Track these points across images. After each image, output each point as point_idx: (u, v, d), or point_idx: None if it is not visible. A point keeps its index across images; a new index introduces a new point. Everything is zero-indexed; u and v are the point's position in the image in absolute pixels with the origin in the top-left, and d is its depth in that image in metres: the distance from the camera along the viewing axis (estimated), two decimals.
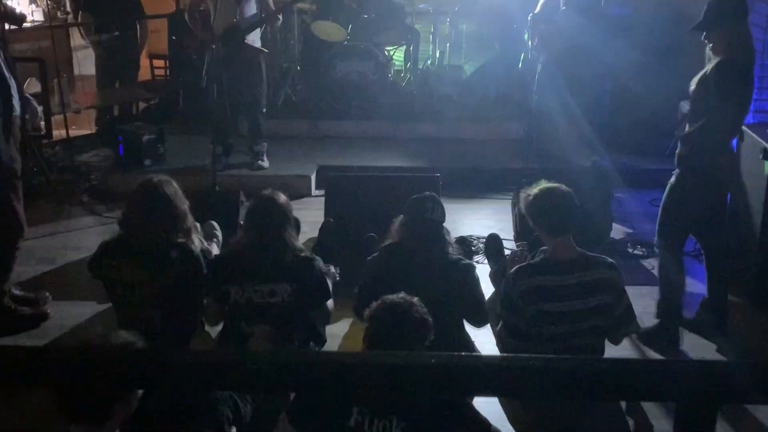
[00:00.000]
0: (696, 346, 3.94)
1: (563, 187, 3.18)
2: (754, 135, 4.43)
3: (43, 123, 6.00)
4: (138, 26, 7.43)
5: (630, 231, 5.24)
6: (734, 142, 4.15)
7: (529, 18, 5.95)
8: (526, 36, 6.43)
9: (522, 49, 6.97)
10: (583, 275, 3.07)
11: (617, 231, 5.10)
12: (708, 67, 3.70)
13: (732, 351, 3.91)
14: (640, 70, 6.25)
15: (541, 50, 5.89)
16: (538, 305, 3.05)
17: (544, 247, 3.21)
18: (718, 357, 3.91)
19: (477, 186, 6.00)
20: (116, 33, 7.01)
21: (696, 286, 4.48)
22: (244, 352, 2.60)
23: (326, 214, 5.03)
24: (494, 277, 3.95)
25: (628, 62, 6.06)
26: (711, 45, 3.71)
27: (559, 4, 5.72)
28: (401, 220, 3.53)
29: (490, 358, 1.78)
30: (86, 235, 5.21)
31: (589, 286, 3.07)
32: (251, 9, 5.74)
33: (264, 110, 6.14)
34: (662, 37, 6.46)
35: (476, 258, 4.68)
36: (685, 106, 5.98)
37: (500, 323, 3.24)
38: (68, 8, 11.65)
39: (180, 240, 3.40)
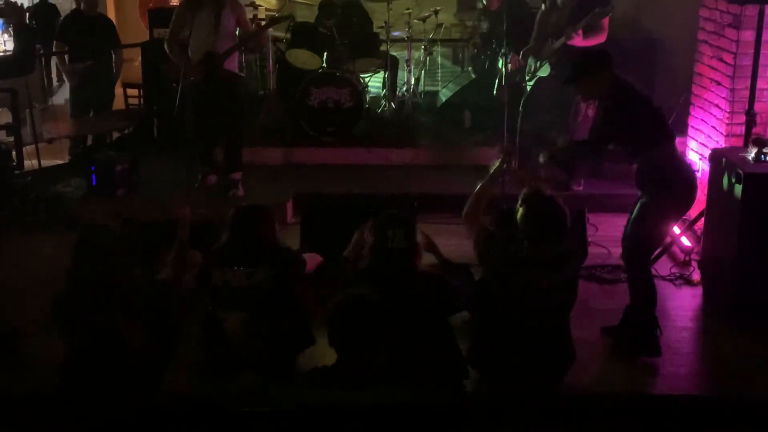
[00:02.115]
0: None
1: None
2: (727, 159, 4.46)
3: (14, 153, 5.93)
4: (113, 55, 7.40)
5: (606, 255, 5.23)
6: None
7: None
8: (500, 63, 6.46)
9: (497, 74, 7.01)
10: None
11: (593, 256, 5.09)
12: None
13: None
14: None
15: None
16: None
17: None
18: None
19: (454, 211, 5.97)
20: (90, 62, 6.96)
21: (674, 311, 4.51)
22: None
23: (302, 241, 5.00)
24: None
25: None
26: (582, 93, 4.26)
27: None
28: (370, 244, 3.52)
29: None
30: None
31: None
32: (229, 36, 5.73)
33: (241, 137, 6.11)
34: (639, 63, 6.53)
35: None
36: None
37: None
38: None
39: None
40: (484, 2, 7.22)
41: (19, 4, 5.27)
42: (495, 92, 6.58)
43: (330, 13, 7.13)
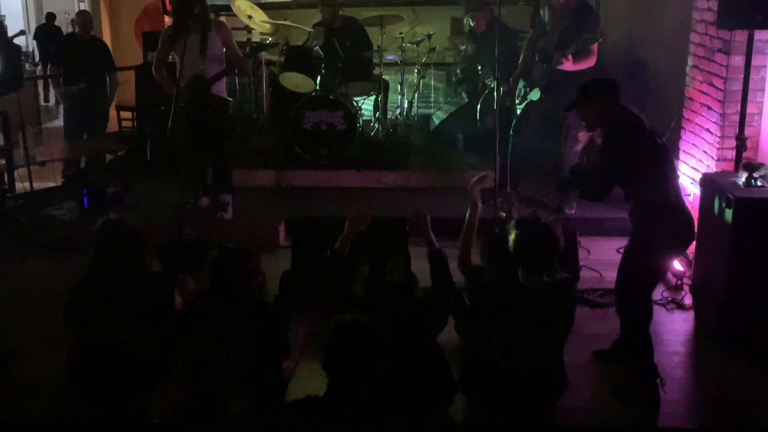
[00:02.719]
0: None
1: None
2: (718, 183, 4.47)
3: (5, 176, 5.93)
4: (108, 78, 7.43)
5: (597, 279, 5.22)
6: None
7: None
8: (482, 86, 6.50)
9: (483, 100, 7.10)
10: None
11: (585, 279, 5.08)
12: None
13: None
14: None
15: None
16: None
17: None
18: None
19: (446, 234, 5.97)
20: (83, 85, 6.98)
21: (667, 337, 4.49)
22: None
23: (293, 264, 4.99)
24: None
25: None
26: (585, 120, 4.09)
27: None
28: (366, 276, 3.50)
29: None
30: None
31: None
32: (216, 60, 5.75)
33: (229, 160, 6.12)
34: (629, 87, 6.56)
35: None
36: None
37: None
38: (37, 60, 11.70)
39: None
40: (471, 24, 7.25)
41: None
42: (478, 117, 6.58)
43: (322, 35, 7.18)
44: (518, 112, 6.07)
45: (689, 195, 5.36)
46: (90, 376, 2.40)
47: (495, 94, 5.84)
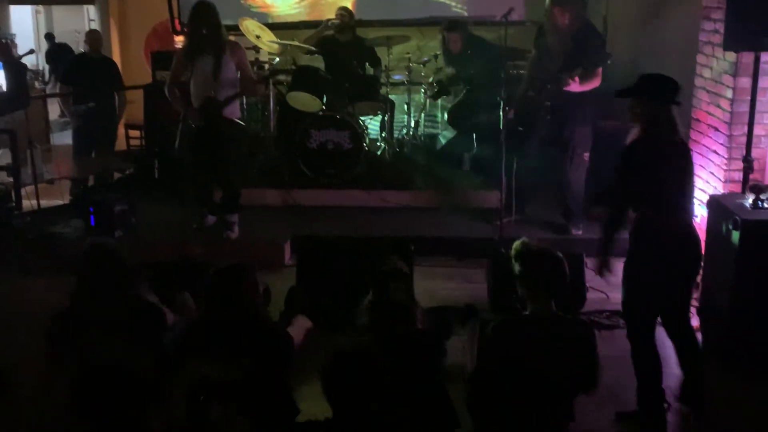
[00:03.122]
0: None
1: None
2: (725, 205, 4.46)
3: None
4: (117, 97, 7.47)
5: (604, 301, 5.19)
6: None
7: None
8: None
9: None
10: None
11: (591, 301, 5.06)
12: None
13: None
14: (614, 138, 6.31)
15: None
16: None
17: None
18: None
19: (451, 254, 5.98)
20: (91, 104, 7.03)
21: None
22: None
23: (298, 282, 4.99)
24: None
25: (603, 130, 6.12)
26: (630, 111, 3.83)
27: None
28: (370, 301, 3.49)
29: None
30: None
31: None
32: (229, 82, 5.75)
33: (238, 181, 6.12)
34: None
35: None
36: None
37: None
38: (47, 78, 11.80)
39: None
40: (448, 46, 7.11)
41: (4, 41, 5.40)
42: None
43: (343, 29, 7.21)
44: (524, 133, 6.07)
45: (696, 216, 5.33)
46: (87, 397, 2.40)
47: (501, 114, 5.84)
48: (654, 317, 3.88)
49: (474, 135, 7.28)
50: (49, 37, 12.71)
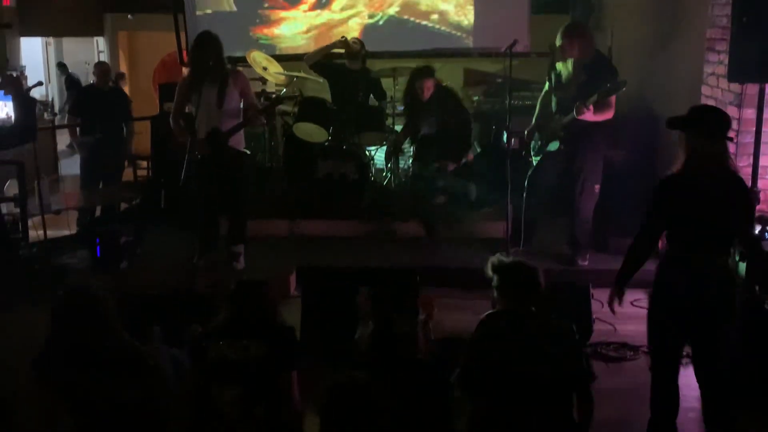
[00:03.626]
0: None
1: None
2: None
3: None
4: (125, 128, 7.53)
5: (611, 332, 5.15)
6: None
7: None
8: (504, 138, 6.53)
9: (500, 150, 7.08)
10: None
11: (598, 333, 5.02)
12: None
13: None
14: (619, 168, 6.32)
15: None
16: None
17: None
18: None
19: (457, 284, 5.95)
20: (99, 135, 7.08)
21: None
22: None
23: (303, 314, 4.98)
24: None
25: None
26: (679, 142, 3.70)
27: None
28: (371, 330, 3.47)
29: None
30: None
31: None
32: (234, 112, 5.78)
33: (244, 213, 6.13)
34: (641, 139, 6.57)
35: None
36: None
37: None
38: (55, 110, 11.91)
39: None
40: (418, 93, 6.77)
41: (15, 75, 5.47)
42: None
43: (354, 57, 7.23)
44: (534, 163, 6.08)
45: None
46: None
47: (506, 145, 5.86)
48: (676, 356, 3.74)
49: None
50: (62, 66, 12.86)
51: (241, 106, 5.80)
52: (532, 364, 3.23)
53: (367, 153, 7.35)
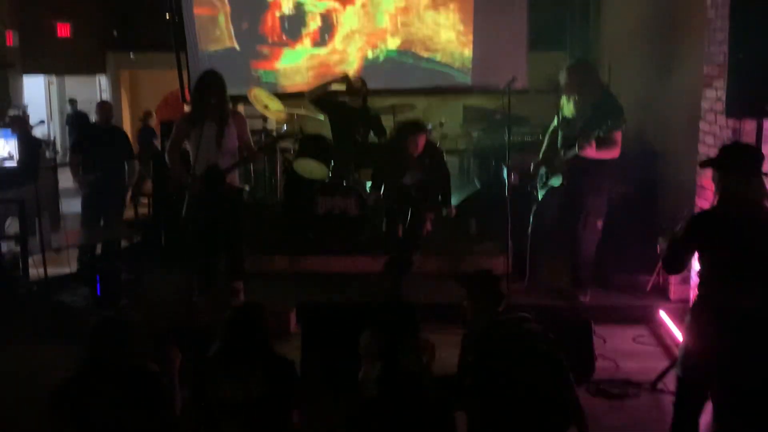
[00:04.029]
0: None
1: None
2: None
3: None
4: (126, 166, 7.56)
5: (613, 369, 5.12)
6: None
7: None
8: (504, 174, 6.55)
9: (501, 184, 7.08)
10: None
11: (600, 370, 4.98)
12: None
13: None
14: (620, 204, 6.33)
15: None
16: None
17: None
18: None
19: (457, 321, 5.91)
20: (100, 173, 7.11)
21: None
22: None
23: (303, 350, 4.95)
24: None
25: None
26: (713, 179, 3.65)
27: None
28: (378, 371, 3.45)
29: None
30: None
31: None
32: (231, 150, 5.81)
33: (242, 248, 6.13)
34: (641, 175, 6.59)
35: None
36: (663, 242, 6.03)
37: None
38: (57, 148, 11.97)
39: None
40: (408, 147, 6.30)
41: (21, 115, 5.52)
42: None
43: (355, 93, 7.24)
44: (539, 198, 6.10)
45: None
46: None
47: (506, 180, 5.87)
48: (703, 397, 3.63)
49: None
50: (72, 102, 12.96)
51: (237, 144, 5.85)
52: (519, 363, 3.43)
53: (367, 189, 7.36)
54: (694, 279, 5.39)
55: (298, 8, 8.86)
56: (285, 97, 8.35)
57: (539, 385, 3.39)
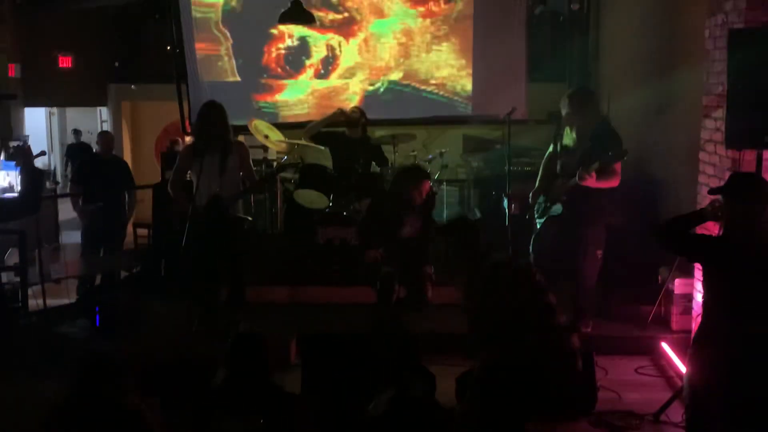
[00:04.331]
0: None
1: None
2: None
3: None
4: (127, 196, 7.57)
5: (616, 400, 5.08)
6: None
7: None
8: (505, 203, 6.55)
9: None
10: None
11: (603, 401, 4.94)
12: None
13: None
14: (621, 234, 6.33)
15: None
16: None
17: None
18: None
19: (458, 351, 5.89)
20: (100, 204, 7.11)
21: None
22: None
23: (304, 381, 4.92)
24: None
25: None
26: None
27: None
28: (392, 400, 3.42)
29: None
30: None
31: None
32: (233, 180, 5.83)
33: (243, 278, 6.12)
34: (641, 205, 6.60)
35: None
36: (665, 272, 6.03)
37: None
38: (58, 179, 12.00)
39: None
40: (418, 197, 5.92)
41: (25, 146, 5.55)
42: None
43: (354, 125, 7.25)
44: (538, 226, 6.09)
45: None
46: None
47: (507, 211, 5.87)
48: (711, 429, 3.58)
49: None
50: (76, 132, 13.02)
51: (240, 175, 5.86)
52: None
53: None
54: (696, 310, 5.38)
55: (301, 41, 8.94)
56: (285, 127, 8.39)
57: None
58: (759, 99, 4.37)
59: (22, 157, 5.19)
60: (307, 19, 7.73)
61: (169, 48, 9.31)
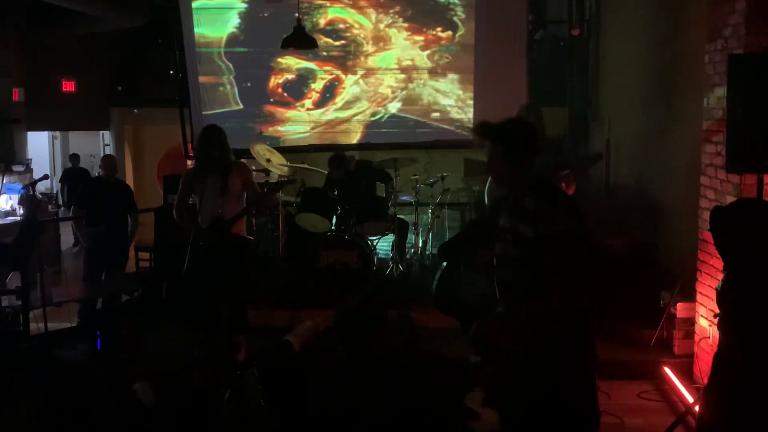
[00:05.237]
0: None
1: None
2: None
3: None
4: (129, 219, 7.58)
5: (618, 426, 5.06)
6: None
7: None
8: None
9: None
10: None
11: (605, 426, 4.91)
12: None
13: None
14: (622, 256, 6.33)
15: None
16: None
17: None
18: None
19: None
20: (102, 227, 7.12)
21: None
22: None
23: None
24: None
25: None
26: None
27: None
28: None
29: None
30: None
31: None
32: (236, 200, 5.85)
33: (245, 301, 6.11)
34: (643, 229, 6.60)
35: None
36: (666, 296, 6.03)
37: None
38: (60, 202, 12.02)
39: None
40: None
41: (31, 194, 5.61)
42: None
43: (338, 166, 7.33)
44: None
45: (708, 337, 5.27)
46: None
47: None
48: None
49: None
50: (74, 157, 13.05)
51: (245, 196, 5.88)
52: None
53: (369, 243, 7.38)
54: (698, 334, 5.36)
55: (302, 74, 9.00)
56: (287, 150, 8.43)
57: None
58: (759, 123, 4.39)
59: (26, 206, 5.20)
60: (309, 44, 7.80)
61: (171, 72, 9.37)
